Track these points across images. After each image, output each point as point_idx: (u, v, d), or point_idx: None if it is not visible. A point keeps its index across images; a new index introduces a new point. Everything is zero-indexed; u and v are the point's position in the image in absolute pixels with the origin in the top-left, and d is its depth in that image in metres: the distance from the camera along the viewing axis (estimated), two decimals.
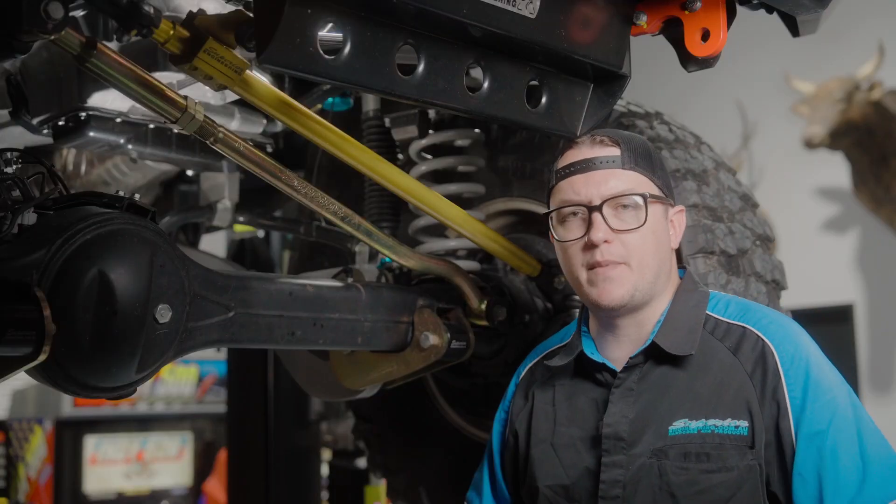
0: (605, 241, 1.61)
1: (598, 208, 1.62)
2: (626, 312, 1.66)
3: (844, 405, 1.55)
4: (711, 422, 1.56)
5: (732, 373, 1.59)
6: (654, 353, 1.64)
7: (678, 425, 1.58)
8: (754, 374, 1.57)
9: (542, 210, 2.32)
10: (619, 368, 1.66)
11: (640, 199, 1.62)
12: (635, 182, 1.64)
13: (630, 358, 1.66)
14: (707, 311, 1.67)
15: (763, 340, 1.60)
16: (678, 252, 1.73)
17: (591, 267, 1.63)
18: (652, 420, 1.60)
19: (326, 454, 4.82)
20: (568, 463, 1.67)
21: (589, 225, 1.62)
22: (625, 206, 1.62)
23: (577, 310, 2.26)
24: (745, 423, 1.55)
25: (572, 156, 1.68)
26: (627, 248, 1.62)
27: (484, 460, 1.91)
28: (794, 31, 1.86)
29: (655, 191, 1.66)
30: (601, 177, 1.64)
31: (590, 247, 1.62)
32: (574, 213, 1.66)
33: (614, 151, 1.65)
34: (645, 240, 1.62)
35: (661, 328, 1.65)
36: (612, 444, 1.62)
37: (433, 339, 2.04)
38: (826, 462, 1.51)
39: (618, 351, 1.69)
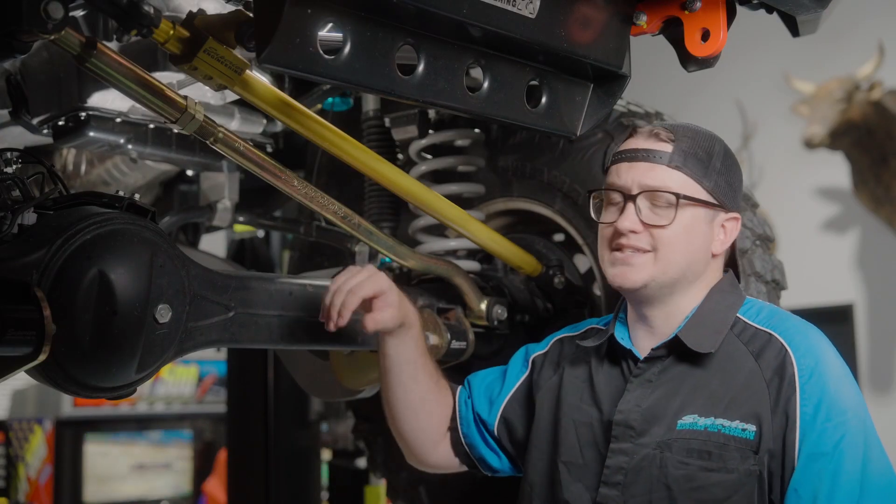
0: (632, 231, 1.64)
1: (633, 198, 1.65)
2: (650, 301, 1.68)
3: (856, 429, 1.54)
4: (720, 421, 1.57)
5: (751, 377, 1.59)
6: (676, 348, 1.65)
7: (687, 420, 1.59)
8: (772, 383, 1.57)
9: (542, 210, 2.33)
10: (642, 357, 1.68)
11: (672, 198, 1.63)
12: (675, 181, 1.65)
13: (652, 349, 1.67)
14: (738, 315, 1.67)
15: (786, 349, 1.59)
16: (734, 259, 1.73)
17: (616, 249, 1.67)
18: (664, 412, 1.61)
19: (326, 454, 4.81)
20: (584, 442, 1.70)
21: (621, 212, 1.66)
22: (658, 202, 1.64)
23: (578, 310, 2.28)
24: (752, 428, 1.55)
25: (628, 143, 1.71)
26: (655, 240, 1.64)
27: (497, 377, 1.93)
28: (794, 31, 1.85)
29: (700, 194, 1.66)
30: (644, 168, 1.66)
31: (617, 233, 1.66)
32: (613, 198, 1.69)
33: (665, 147, 1.66)
34: (675, 237, 1.64)
35: (687, 324, 1.66)
36: (621, 430, 1.63)
37: (433, 339, 2.04)
38: (824, 484, 1.51)
39: (646, 341, 1.71)
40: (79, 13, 1.66)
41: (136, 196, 2.10)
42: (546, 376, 1.84)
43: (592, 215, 1.74)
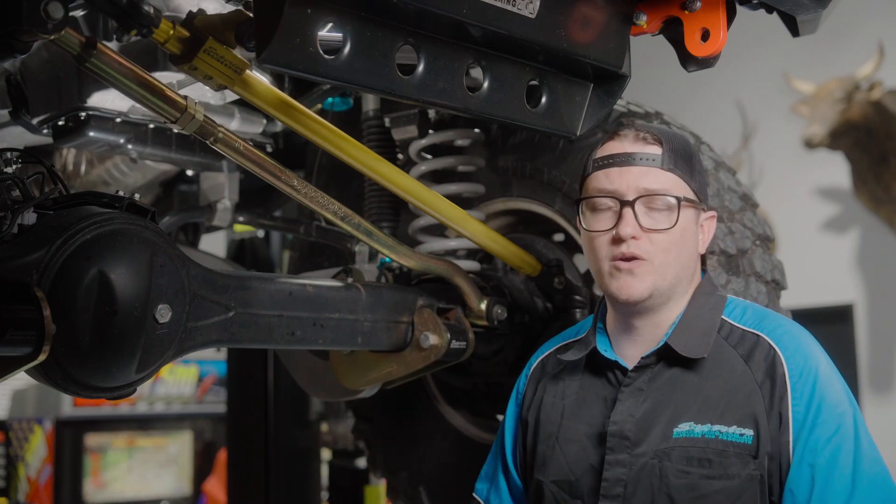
0: (633, 237, 1.60)
1: (631, 203, 1.61)
2: (643, 311, 1.66)
3: (846, 425, 1.54)
4: (717, 427, 1.56)
5: (743, 380, 1.58)
6: (666, 355, 1.63)
7: (683, 428, 1.57)
8: (763, 384, 1.56)
9: (542, 210, 2.33)
10: (630, 367, 1.66)
11: (673, 201, 1.61)
12: (671, 183, 1.63)
13: (642, 358, 1.65)
14: (723, 317, 1.66)
15: (775, 350, 1.59)
16: (702, 256, 1.73)
17: (615, 259, 1.62)
18: (658, 421, 1.60)
19: (326, 454, 4.82)
20: (572, 458, 1.67)
21: (619, 218, 1.62)
22: (657, 206, 1.62)
23: (578, 310, 2.27)
24: (750, 432, 1.54)
25: (613, 147, 1.67)
26: (654, 246, 1.61)
27: (494, 451, 1.90)
28: (794, 31, 1.86)
29: (690, 194, 1.65)
30: (638, 172, 1.63)
31: (617, 240, 1.62)
32: (605, 205, 1.65)
33: (655, 150, 1.64)
34: (672, 241, 1.62)
35: (675, 330, 1.64)
36: (616, 442, 1.61)
37: (433, 339, 2.04)
38: (817, 481, 1.51)
39: (631, 350, 1.69)
40: (79, 13, 1.67)
41: (136, 196, 2.10)
42: (528, 402, 1.82)
43: (581, 225, 1.69)
